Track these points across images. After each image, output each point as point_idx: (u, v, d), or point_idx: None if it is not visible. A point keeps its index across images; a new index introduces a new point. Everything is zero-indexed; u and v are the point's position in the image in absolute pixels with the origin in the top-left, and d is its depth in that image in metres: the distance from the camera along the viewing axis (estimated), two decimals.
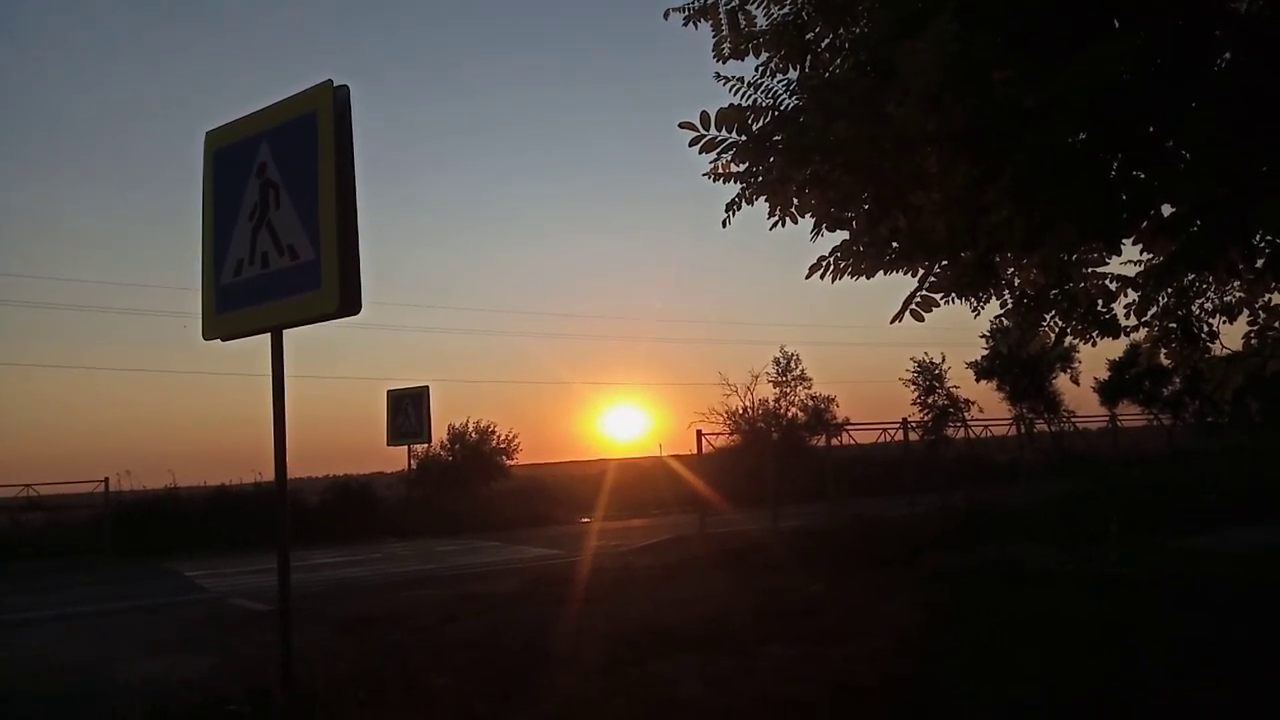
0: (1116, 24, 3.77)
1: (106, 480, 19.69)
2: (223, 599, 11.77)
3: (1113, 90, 3.46)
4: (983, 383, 31.25)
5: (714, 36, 4.93)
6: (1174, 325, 5.68)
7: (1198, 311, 5.70)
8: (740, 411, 27.65)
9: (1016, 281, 5.11)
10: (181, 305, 69.36)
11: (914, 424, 22.77)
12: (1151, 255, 4.72)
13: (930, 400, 28.37)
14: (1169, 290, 5.31)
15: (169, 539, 18.91)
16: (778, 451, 20.90)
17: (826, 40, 4.72)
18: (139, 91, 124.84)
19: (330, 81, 4.85)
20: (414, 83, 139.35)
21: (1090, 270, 5.00)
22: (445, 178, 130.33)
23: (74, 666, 7.57)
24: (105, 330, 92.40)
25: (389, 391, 22.13)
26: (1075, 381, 30.86)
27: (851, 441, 22.63)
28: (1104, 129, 3.81)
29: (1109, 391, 32.13)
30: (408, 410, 21.60)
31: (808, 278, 4.90)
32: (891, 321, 4.79)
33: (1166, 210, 4.07)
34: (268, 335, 5.06)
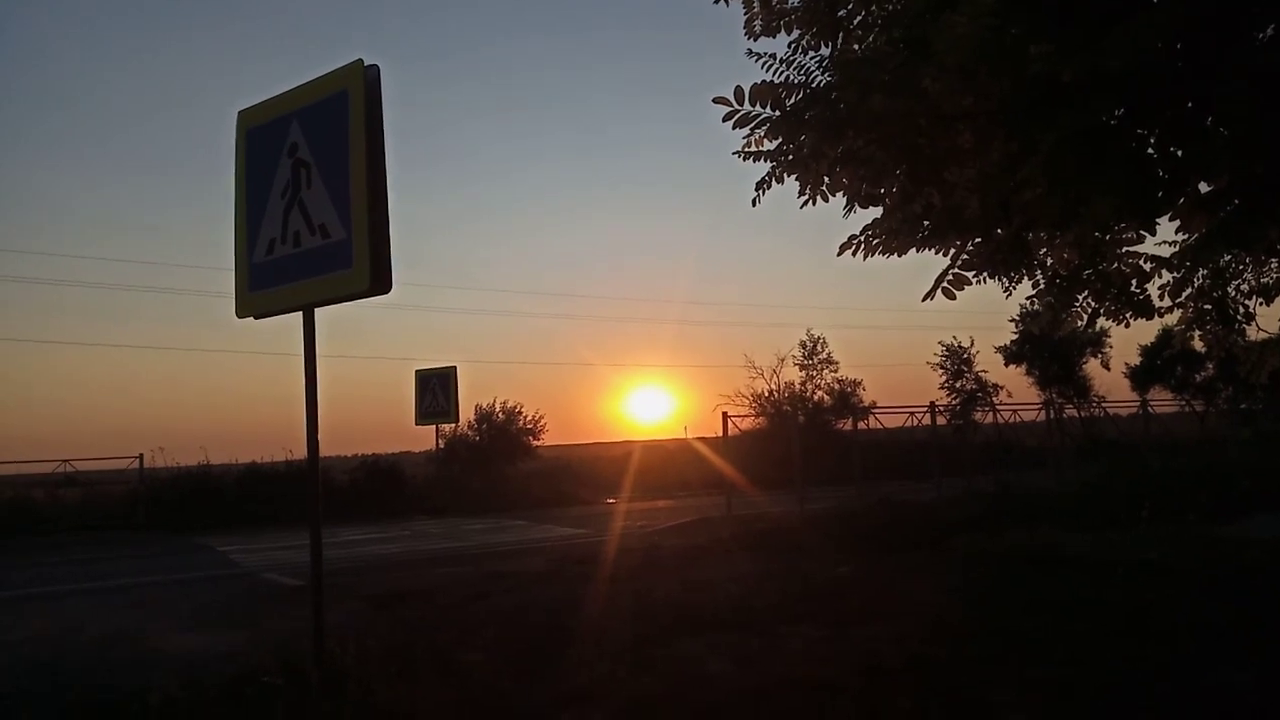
0: None
1: (141, 457, 20.04)
2: (255, 574, 11.94)
3: (1151, 65, 3.40)
4: (1012, 367, 31.06)
5: (745, 14, 4.90)
6: (1209, 307, 5.61)
7: (1233, 293, 5.62)
8: (766, 394, 27.67)
9: (1049, 261, 5.05)
10: (215, 285, 70.04)
11: (942, 408, 22.62)
12: (1188, 235, 4.65)
13: (958, 384, 28.23)
14: (1204, 271, 5.23)
15: (202, 515, 19.20)
16: (804, 434, 20.85)
17: (859, 17, 4.68)
18: (176, 71, 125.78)
19: (361, 61, 4.87)
20: (442, 64, 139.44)
21: (1125, 250, 4.93)
22: (474, 159, 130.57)
23: (110, 638, 7.71)
24: (140, 309, 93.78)
25: (417, 371, 22.29)
26: (1106, 366, 30.60)
27: (879, 425, 22.55)
28: (1141, 104, 3.75)
29: (1140, 377, 31.79)
30: (435, 390, 21.74)
31: (839, 255, 4.89)
32: (923, 299, 4.76)
33: (1204, 188, 4.01)
34: (299, 314, 5.11)
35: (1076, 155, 3.76)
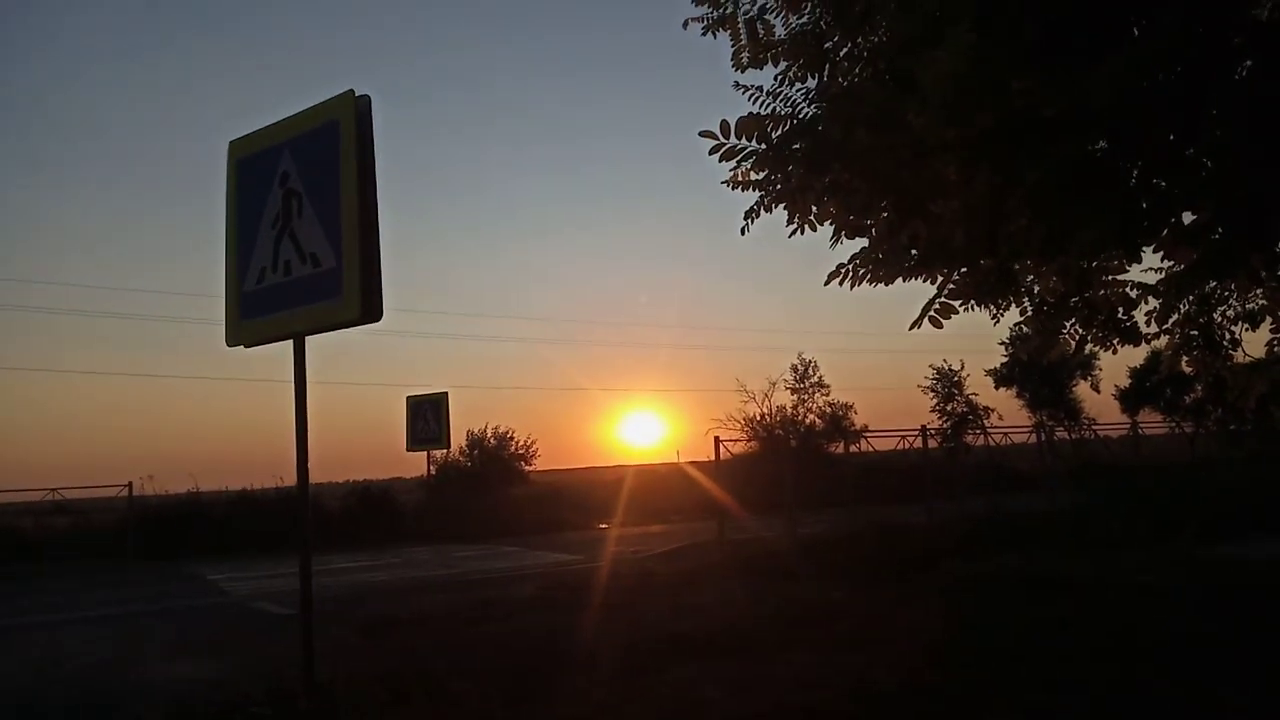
0: (1136, 33, 3.77)
1: (130, 485, 19.87)
2: (245, 602, 11.86)
3: (1133, 99, 3.46)
4: (1002, 390, 31.22)
5: (733, 45, 4.96)
6: (1195, 333, 5.65)
7: (1219, 319, 5.67)
8: (758, 418, 27.67)
9: (1036, 289, 5.09)
10: (206, 313, 69.89)
11: (933, 431, 22.66)
12: (1172, 263, 4.70)
13: (949, 407, 28.31)
14: (1190, 298, 5.28)
15: (192, 543, 19.06)
16: (796, 458, 20.84)
17: (845, 49, 4.74)
18: (167, 100, 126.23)
19: (352, 91, 4.91)
20: (434, 92, 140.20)
21: (1110, 278, 4.98)
22: (465, 186, 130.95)
23: (98, 667, 7.65)
24: (129, 336, 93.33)
25: (408, 398, 22.23)
26: (1096, 389, 30.77)
27: (870, 448, 22.54)
28: (1123, 138, 3.80)
29: (1130, 399, 31.91)
30: (427, 416, 21.69)
31: (827, 284, 4.93)
32: (910, 328, 4.79)
33: (1188, 218, 4.05)
34: (290, 342, 5.12)
35: (1060, 188, 3.81)
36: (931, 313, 4.68)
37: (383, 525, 21.32)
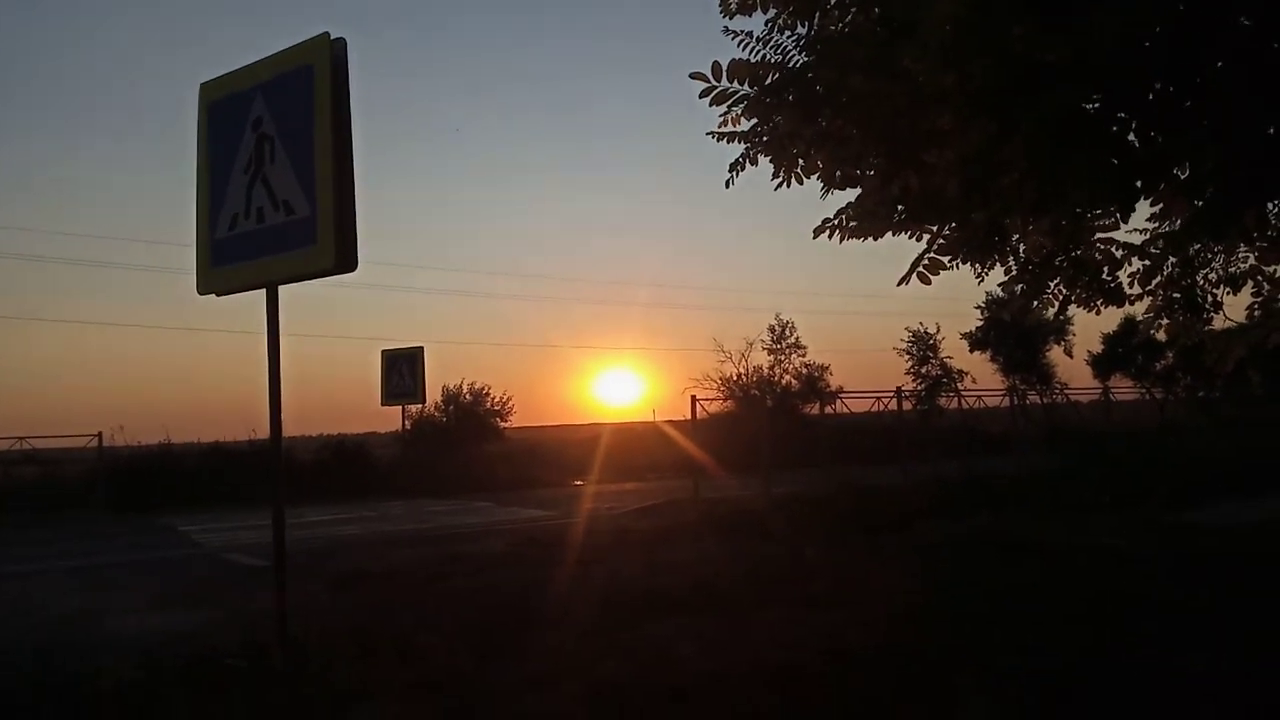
0: None
1: (100, 435, 19.66)
2: (217, 554, 11.79)
3: (1133, 47, 3.39)
4: (977, 354, 31.38)
5: None
6: (1177, 295, 5.65)
7: (1202, 281, 5.67)
8: (735, 378, 27.73)
9: (1022, 248, 5.06)
10: (176, 260, 68.93)
11: (908, 393, 22.80)
12: (1160, 223, 4.68)
13: (924, 370, 28.46)
14: (1174, 259, 5.27)
15: (163, 495, 18.92)
16: (772, 419, 20.93)
17: None
18: (134, 41, 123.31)
19: (327, 34, 4.77)
20: (410, 39, 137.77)
21: (1098, 236, 4.95)
22: (443, 137, 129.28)
23: (68, 619, 7.57)
24: (99, 285, 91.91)
25: (383, 351, 22.08)
26: (1069, 354, 30.98)
27: (846, 410, 22.69)
28: (1122, 89, 3.74)
29: (1102, 365, 32.21)
30: (402, 371, 21.56)
31: (815, 237, 4.86)
32: (899, 284, 4.76)
33: (1183, 175, 4.01)
34: (263, 291, 5.01)
35: (1056, 139, 3.75)
36: (920, 268, 4.64)
37: (356, 479, 21.25)
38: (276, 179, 4.87)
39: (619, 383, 47.09)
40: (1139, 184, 3.96)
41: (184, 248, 5.15)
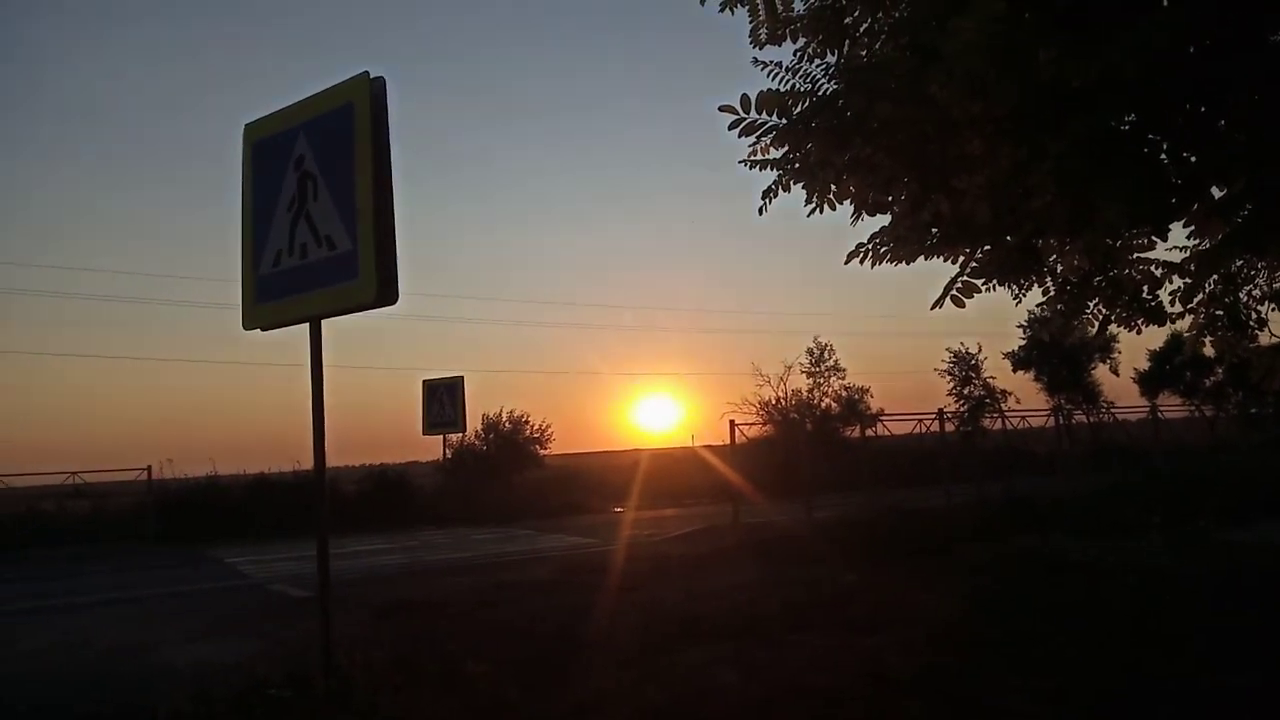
0: (1166, 1, 3.68)
1: (149, 468, 20.04)
2: (263, 585, 11.94)
3: (1163, 68, 3.37)
4: (1020, 373, 30.95)
5: (750, 22, 4.87)
6: (1220, 312, 5.56)
7: (1245, 298, 5.58)
8: (773, 402, 27.58)
9: (1059, 268, 5.01)
10: (223, 296, 70.19)
11: (950, 415, 22.54)
12: (1198, 240, 4.61)
13: (966, 391, 28.08)
14: (1215, 276, 5.18)
15: (210, 526, 19.21)
16: (811, 442, 20.80)
17: (865, 24, 4.65)
18: (186, 84, 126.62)
19: (367, 73, 4.88)
20: (448, 72, 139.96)
21: (1136, 256, 4.89)
22: (481, 167, 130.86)
23: (119, 650, 7.71)
24: (147, 321, 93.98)
25: (424, 381, 22.28)
26: (1115, 372, 30.45)
27: (887, 432, 22.48)
28: (1153, 109, 3.71)
29: (1149, 382, 31.60)
30: (443, 400, 21.73)
31: (847, 263, 4.86)
32: (932, 308, 4.72)
33: (1217, 193, 3.96)
34: (306, 325, 5.11)
35: (1086, 161, 3.72)
36: (954, 292, 4.61)
37: (399, 509, 21.42)
38: (319, 215, 4.97)
39: (658, 408, 47.15)
40: (1173, 203, 3.91)
41: (230, 283, 5.26)
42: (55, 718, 5.48)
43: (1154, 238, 4.61)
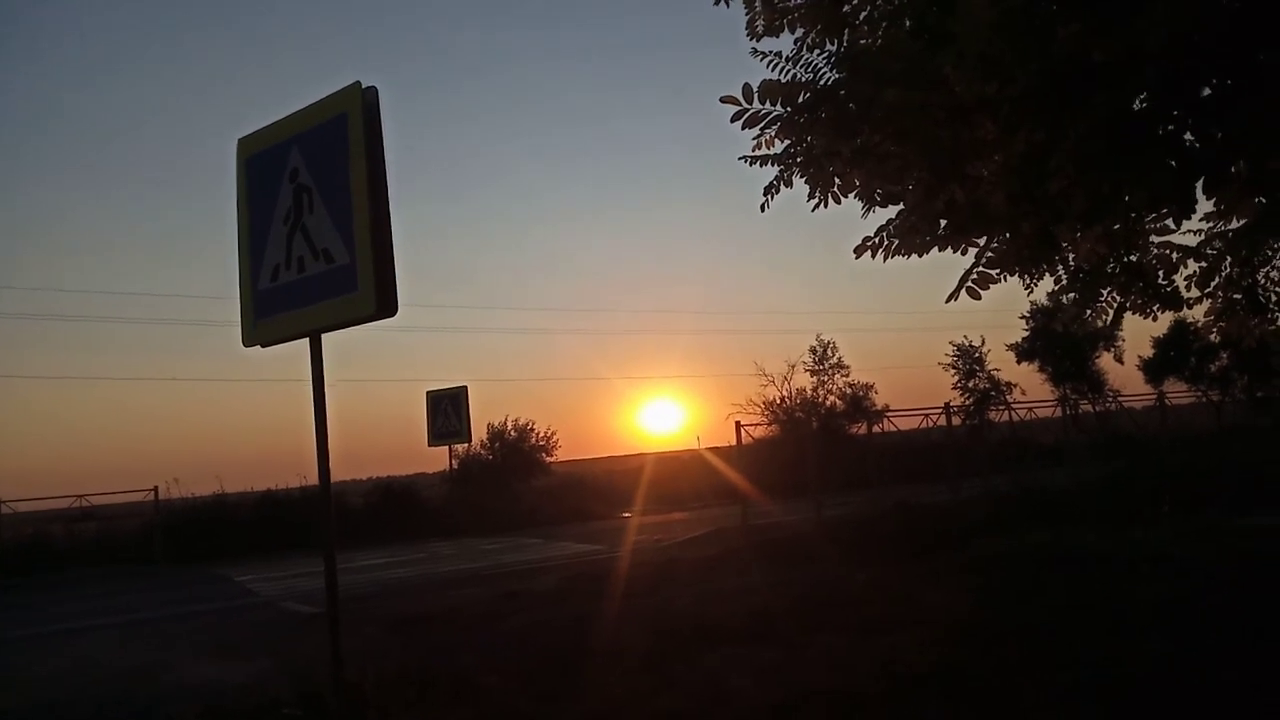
0: None
1: (156, 489, 20.01)
2: (273, 603, 11.89)
3: (1190, 39, 3.26)
4: (1024, 365, 30.92)
5: (747, 14, 4.78)
6: (1238, 296, 5.46)
7: (1263, 280, 5.48)
8: (778, 401, 27.56)
9: (1071, 257, 4.91)
10: (222, 313, 70.32)
11: (955, 409, 22.47)
12: (1216, 223, 4.52)
13: (971, 384, 28.07)
14: (1230, 259, 5.08)
15: (218, 545, 19.17)
16: (817, 441, 20.73)
17: (865, 11, 4.56)
18: (183, 104, 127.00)
19: (359, 83, 4.82)
20: (443, 80, 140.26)
21: (1153, 239, 4.79)
22: (476, 176, 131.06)
23: (130, 671, 7.66)
24: (147, 341, 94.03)
25: (428, 392, 22.23)
26: (1119, 360, 30.38)
27: (893, 428, 22.39)
28: (1176, 87, 3.60)
29: (1154, 369, 31.53)
30: (447, 410, 21.68)
31: (858, 256, 4.75)
32: (948, 300, 4.61)
33: (1245, 173, 3.85)
34: (306, 340, 5.06)
35: (1108, 142, 3.60)
36: (969, 283, 4.51)
37: (406, 521, 21.38)
38: (315, 228, 4.91)
39: (662, 412, 47.04)
40: (1200, 183, 3.78)
41: (230, 300, 5.21)
42: None
43: (1175, 220, 4.49)
